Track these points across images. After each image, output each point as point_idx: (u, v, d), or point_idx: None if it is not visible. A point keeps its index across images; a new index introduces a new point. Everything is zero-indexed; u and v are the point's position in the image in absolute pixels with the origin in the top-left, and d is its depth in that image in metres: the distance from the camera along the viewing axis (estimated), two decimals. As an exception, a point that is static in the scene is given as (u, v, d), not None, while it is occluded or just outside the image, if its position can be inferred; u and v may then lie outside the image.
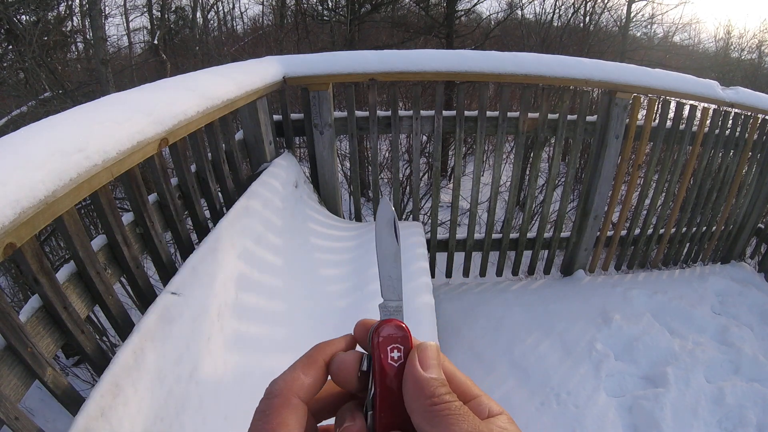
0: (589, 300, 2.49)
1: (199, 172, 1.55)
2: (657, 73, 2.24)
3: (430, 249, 2.58)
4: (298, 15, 8.25)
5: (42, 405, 2.11)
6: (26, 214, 0.74)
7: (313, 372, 0.28)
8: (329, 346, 0.30)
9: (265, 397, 0.27)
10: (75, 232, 0.96)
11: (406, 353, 0.28)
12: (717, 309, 2.57)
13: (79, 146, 0.87)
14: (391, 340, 0.28)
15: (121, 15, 9.89)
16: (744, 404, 1.90)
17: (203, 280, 1.22)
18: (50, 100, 3.83)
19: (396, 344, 0.28)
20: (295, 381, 0.28)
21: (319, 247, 1.94)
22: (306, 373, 0.28)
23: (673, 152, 2.54)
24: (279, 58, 2.00)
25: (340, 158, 4.04)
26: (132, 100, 1.13)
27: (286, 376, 0.28)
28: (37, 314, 0.90)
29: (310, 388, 0.28)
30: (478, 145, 2.28)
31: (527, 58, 2.11)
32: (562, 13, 8.51)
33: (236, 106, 1.55)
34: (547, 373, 2.04)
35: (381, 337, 0.28)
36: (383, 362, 0.28)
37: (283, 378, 0.28)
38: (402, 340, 0.28)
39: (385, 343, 0.28)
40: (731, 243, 3.06)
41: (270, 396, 0.27)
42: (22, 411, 0.80)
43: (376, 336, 0.28)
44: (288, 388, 0.27)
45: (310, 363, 0.29)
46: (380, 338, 0.28)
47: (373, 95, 2.11)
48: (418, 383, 0.26)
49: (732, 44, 15.56)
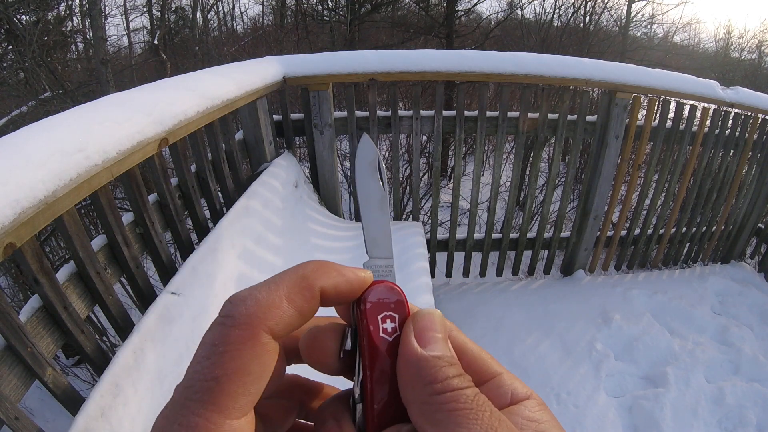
0: (589, 300, 2.49)
1: (199, 172, 1.55)
2: (657, 73, 2.24)
3: (430, 249, 2.58)
4: (298, 15, 8.26)
5: (42, 405, 2.11)
6: (26, 214, 0.74)
7: (301, 301, 0.19)
8: (339, 274, 0.21)
9: (221, 322, 0.18)
10: (75, 232, 0.96)
11: (402, 324, 0.21)
12: (717, 309, 2.57)
13: (79, 146, 0.87)
14: (382, 306, 0.21)
15: (121, 15, 9.89)
16: (744, 404, 1.90)
17: (203, 280, 1.22)
18: (50, 100, 3.83)
19: (389, 312, 0.21)
20: (272, 308, 0.18)
21: (319, 247, 1.94)
22: (291, 301, 0.19)
23: (673, 152, 2.54)
24: (279, 58, 2.00)
25: (340, 158, 4.04)
26: (132, 100, 1.13)
27: (260, 295, 0.19)
28: (37, 314, 0.90)
29: (290, 322, 0.19)
30: (478, 145, 2.28)
31: (527, 58, 2.11)
32: (562, 13, 8.52)
33: (236, 106, 1.55)
34: (547, 373, 2.04)
35: (368, 303, 0.21)
36: (373, 336, 0.21)
37: (254, 298, 0.18)
38: (396, 306, 0.22)
39: (375, 311, 0.21)
40: (731, 243, 3.06)
41: (229, 322, 0.18)
42: (22, 411, 0.80)
43: (362, 303, 0.21)
44: (259, 317, 0.18)
45: (301, 287, 0.19)
46: (367, 305, 0.21)
47: (373, 95, 2.11)
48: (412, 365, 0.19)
49: (732, 44, 15.58)
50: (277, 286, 0.19)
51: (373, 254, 0.24)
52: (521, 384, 0.21)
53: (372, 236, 0.24)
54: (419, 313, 0.22)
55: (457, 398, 0.18)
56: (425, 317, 0.21)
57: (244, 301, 0.18)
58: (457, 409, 0.18)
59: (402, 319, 0.22)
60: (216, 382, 0.17)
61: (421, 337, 0.20)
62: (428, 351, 0.20)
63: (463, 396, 0.18)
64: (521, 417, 0.20)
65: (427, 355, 0.19)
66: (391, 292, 0.22)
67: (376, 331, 0.21)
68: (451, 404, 0.18)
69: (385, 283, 0.22)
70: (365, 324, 0.21)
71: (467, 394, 0.18)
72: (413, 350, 0.20)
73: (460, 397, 0.18)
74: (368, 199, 0.25)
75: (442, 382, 0.19)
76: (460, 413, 0.18)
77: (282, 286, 0.19)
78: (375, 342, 0.21)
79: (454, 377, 0.19)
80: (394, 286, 0.22)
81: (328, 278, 0.20)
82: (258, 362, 0.18)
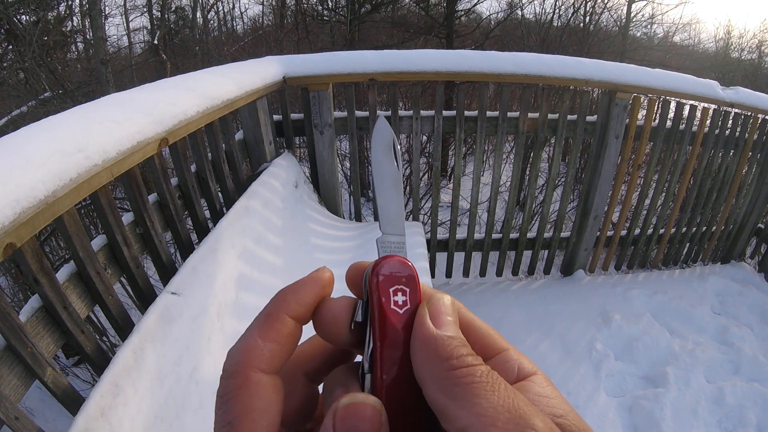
0: (589, 300, 2.49)
1: (199, 172, 1.55)
2: (657, 73, 2.24)
3: (430, 249, 2.58)
4: (298, 15, 8.25)
5: (42, 405, 2.11)
6: (26, 214, 0.74)
7: (274, 334, 0.21)
8: (295, 294, 0.23)
9: (222, 377, 0.21)
10: (75, 232, 0.96)
11: (413, 298, 0.22)
12: (717, 309, 2.57)
13: (79, 146, 0.87)
14: (394, 280, 0.22)
15: (121, 15, 9.89)
16: (744, 404, 1.90)
17: (203, 280, 1.22)
18: (50, 100, 3.83)
19: (400, 285, 0.22)
20: (252, 351, 0.21)
21: (319, 247, 1.94)
22: (265, 338, 0.21)
23: (673, 152, 2.54)
24: (279, 58, 2.00)
25: (340, 158, 4.04)
26: (132, 100, 1.13)
27: (240, 345, 0.21)
28: (37, 314, 0.90)
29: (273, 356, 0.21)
30: (478, 145, 2.28)
31: (527, 58, 2.11)
32: (562, 13, 8.51)
33: (236, 106, 1.55)
34: (547, 373, 2.00)
35: (381, 276, 0.22)
36: (384, 308, 0.22)
37: (237, 349, 0.21)
38: (408, 280, 0.23)
39: (387, 284, 0.22)
40: (731, 243, 3.06)
41: (225, 375, 0.21)
42: (22, 411, 0.80)
43: (375, 276, 0.22)
44: (244, 363, 0.21)
45: (269, 323, 0.22)
46: (380, 278, 0.22)
47: (373, 95, 2.11)
48: (430, 344, 0.21)
49: (732, 44, 15.57)
50: (251, 331, 0.22)
51: (387, 231, 0.25)
52: (528, 360, 0.23)
53: (386, 214, 0.25)
54: (433, 297, 0.23)
55: (473, 372, 0.19)
56: (438, 301, 0.22)
57: (231, 355, 0.21)
58: (474, 383, 0.19)
59: (413, 295, 0.23)
60: (230, 426, 0.20)
61: (435, 318, 0.21)
62: (443, 331, 0.21)
63: (478, 371, 0.19)
64: (531, 393, 0.21)
65: (443, 335, 0.21)
66: (403, 266, 0.23)
67: (387, 303, 0.22)
68: (468, 377, 0.19)
69: (397, 258, 0.23)
70: (377, 296, 0.22)
71: (482, 370, 0.20)
72: (429, 330, 0.21)
73: (476, 371, 0.19)
74: (383, 178, 0.26)
75: (457, 358, 0.20)
76: (477, 386, 0.19)
77: (254, 330, 0.22)
78: (386, 313, 0.22)
79: (468, 355, 0.20)
80: (406, 261, 0.23)
81: (287, 303, 0.22)
82: (258, 399, 0.20)
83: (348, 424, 0.19)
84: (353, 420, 0.19)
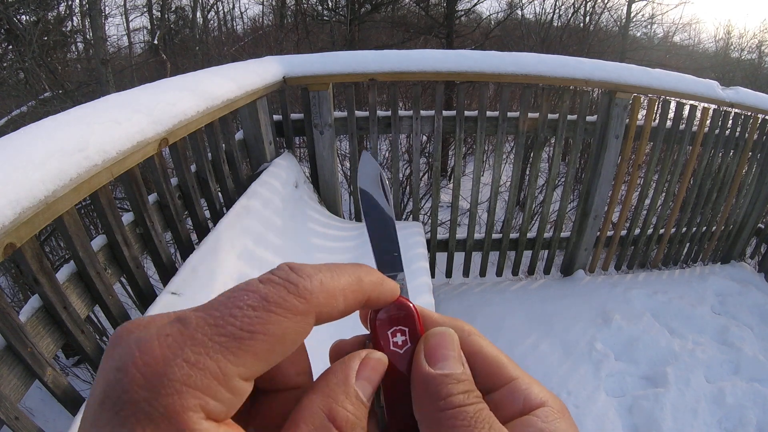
0: (589, 300, 2.49)
1: (199, 172, 1.55)
2: (657, 73, 2.24)
3: (430, 249, 2.58)
4: (298, 15, 8.25)
5: (42, 405, 2.11)
6: (26, 214, 0.74)
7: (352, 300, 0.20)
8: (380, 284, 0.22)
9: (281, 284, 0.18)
10: (75, 232, 0.96)
11: (414, 336, 0.23)
12: (717, 309, 2.57)
13: (79, 146, 0.87)
14: (392, 321, 0.23)
15: (121, 15, 9.88)
16: (744, 404, 1.90)
17: (203, 280, 1.22)
18: (50, 100, 3.83)
19: (398, 326, 0.23)
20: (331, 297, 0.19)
21: (319, 247, 1.94)
22: (345, 298, 0.20)
23: (673, 152, 2.54)
24: (279, 58, 2.00)
25: (340, 158, 4.04)
26: (132, 100, 1.13)
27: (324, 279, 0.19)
28: (37, 314, 0.90)
29: (333, 315, 0.20)
30: (478, 145, 2.28)
31: (527, 58, 2.11)
32: (562, 13, 8.52)
33: (236, 106, 1.55)
34: (547, 373, 2.04)
35: (378, 320, 0.23)
36: (384, 350, 0.22)
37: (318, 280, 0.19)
38: (405, 320, 0.23)
39: (385, 326, 0.23)
40: (731, 243, 3.06)
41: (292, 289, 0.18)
42: (22, 411, 0.80)
43: (372, 321, 0.23)
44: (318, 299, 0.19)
45: (355, 290, 0.20)
46: (377, 322, 0.23)
47: (373, 95, 2.11)
48: (420, 383, 0.21)
49: (732, 44, 15.57)
50: (339, 279, 0.20)
51: (384, 272, 0.24)
52: (539, 389, 0.21)
53: (380, 255, 0.25)
54: (432, 332, 0.23)
55: (457, 415, 0.19)
56: (437, 336, 0.22)
57: (310, 278, 0.19)
58: (455, 426, 0.19)
59: (414, 333, 0.23)
60: (251, 336, 0.16)
61: (432, 355, 0.21)
62: (438, 369, 0.21)
63: (463, 413, 0.19)
64: (533, 428, 0.20)
65: (433, 374, 0.20)
66: (400, 308, 0.23)
67: (387, 345, 0.22)
68: (451, 421, 0.19)
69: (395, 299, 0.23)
70: (377, 338, 0.23)
71: (468, 411, 0.19)
72: (420, 369, 0.21)
73: (460, 414, 0.19)
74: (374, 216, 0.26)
75: (445, 399, 0.20)
76: (459, 430, 0.19)
77: (342, 281, 0.20)
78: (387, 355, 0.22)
79: (459, 394, 0.20)
80: (403, 300, 0.23)
81: (374, 289, 0.21)
82: (292, 338, 0.18)
83: None
84: None
